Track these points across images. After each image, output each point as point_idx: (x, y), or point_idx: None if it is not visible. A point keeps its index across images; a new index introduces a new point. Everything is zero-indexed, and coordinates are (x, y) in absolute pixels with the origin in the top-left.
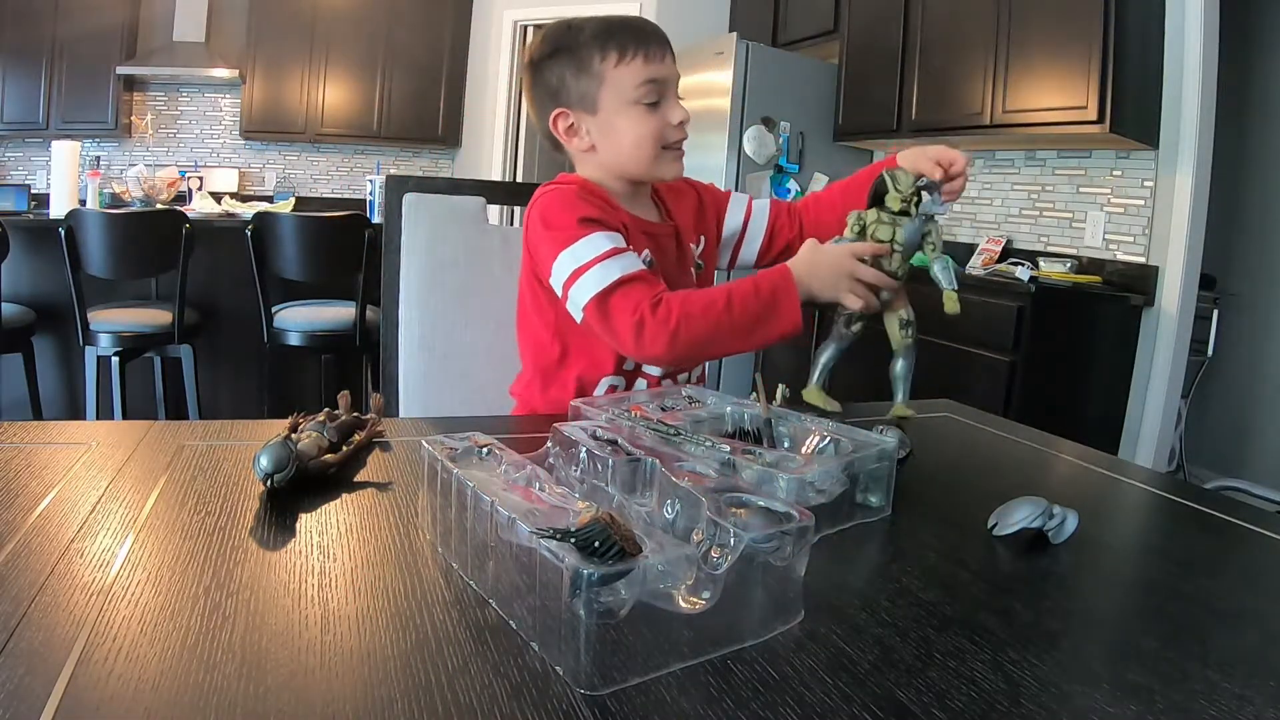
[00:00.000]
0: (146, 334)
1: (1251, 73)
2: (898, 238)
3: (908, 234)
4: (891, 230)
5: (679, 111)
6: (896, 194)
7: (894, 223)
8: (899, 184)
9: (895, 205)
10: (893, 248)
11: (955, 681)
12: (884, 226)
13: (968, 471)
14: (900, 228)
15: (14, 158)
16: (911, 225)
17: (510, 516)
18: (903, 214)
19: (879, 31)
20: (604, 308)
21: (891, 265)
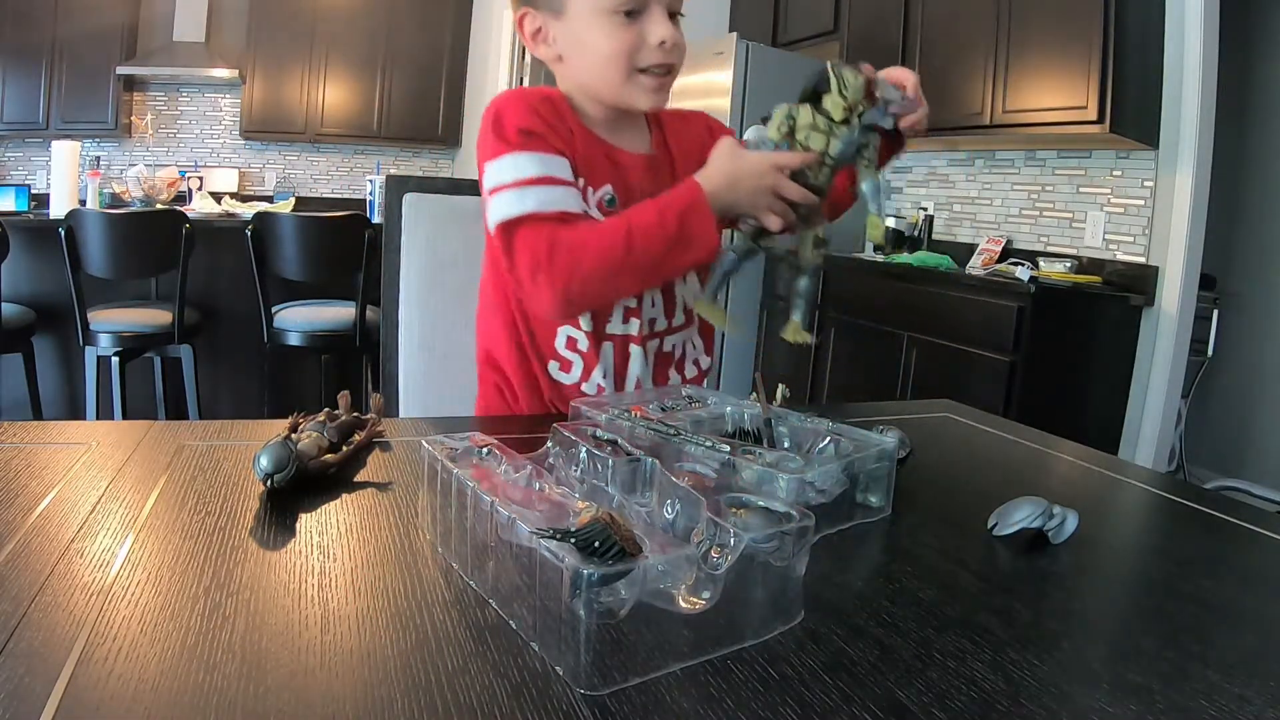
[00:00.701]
0: (146, 334)
1: (1251, 73)
2: (831, 150)
3: (842, 146)
4: (825, 140)
5: (662, 29)
6: (840, 100)
7: (830, 131)
8: (846, 88)
9: (837, 113)
10: (824, 160)
11: (955, 681)
12: (818, 135)
13: (968, 471)
14: (836, 138)
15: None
16: (849, 136)
17: (510, 516)
18: (842, 123)
19: (879, 31)
20: (508, 240)
21: (818, 179)
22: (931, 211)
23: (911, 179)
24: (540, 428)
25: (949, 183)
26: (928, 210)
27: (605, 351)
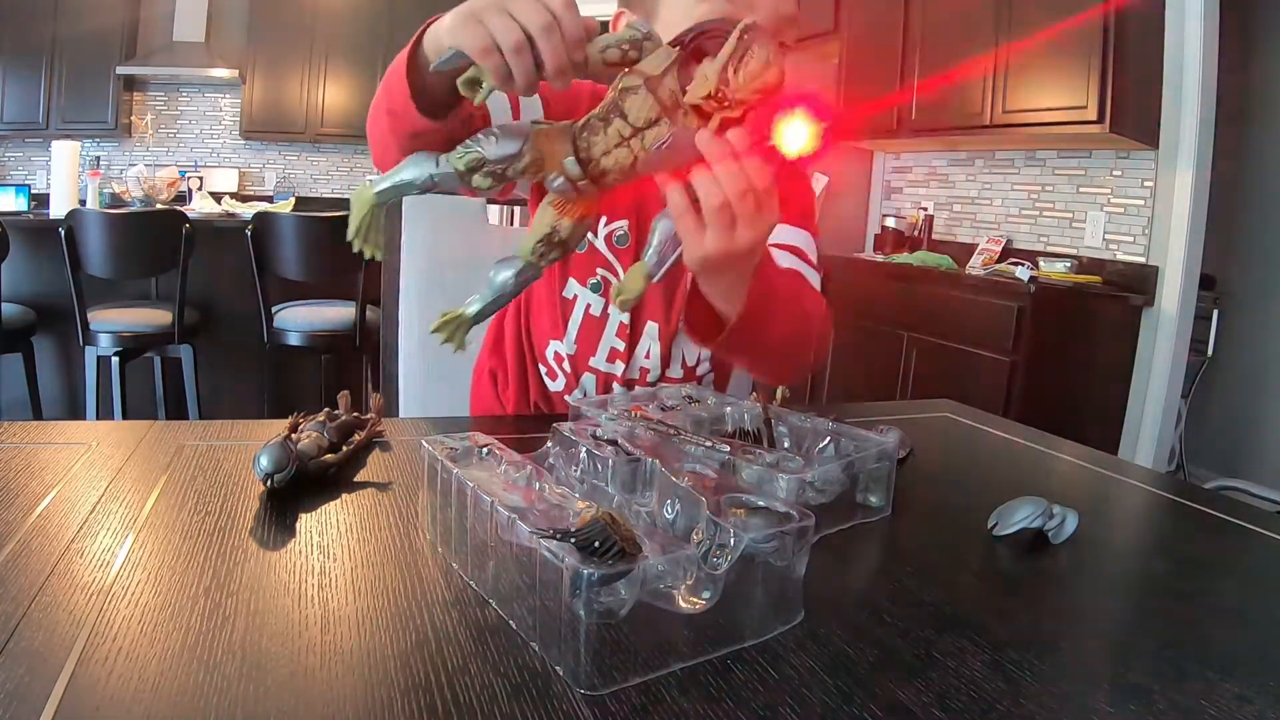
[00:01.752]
0: (146, 334)
1: (1251, 73)
2: (639, 129)
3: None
4: (646, 111)
5: (744, 8)
6: (719, 75)
7: (661, 81)
8: (739, 65)
9: (700, 93)
10: (624, 136)
11: (955, 682)
12: (640, 99)
13: (968, 471)
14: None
15: (14, 158)
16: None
17: (510, 516)
18: (685, 108)
19: (879, 31)
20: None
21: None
22: (931, 211)
23: (911, 179)
24: (540, 428)
25: (949, 183)
26: (928, 210)
27: (586, 381)
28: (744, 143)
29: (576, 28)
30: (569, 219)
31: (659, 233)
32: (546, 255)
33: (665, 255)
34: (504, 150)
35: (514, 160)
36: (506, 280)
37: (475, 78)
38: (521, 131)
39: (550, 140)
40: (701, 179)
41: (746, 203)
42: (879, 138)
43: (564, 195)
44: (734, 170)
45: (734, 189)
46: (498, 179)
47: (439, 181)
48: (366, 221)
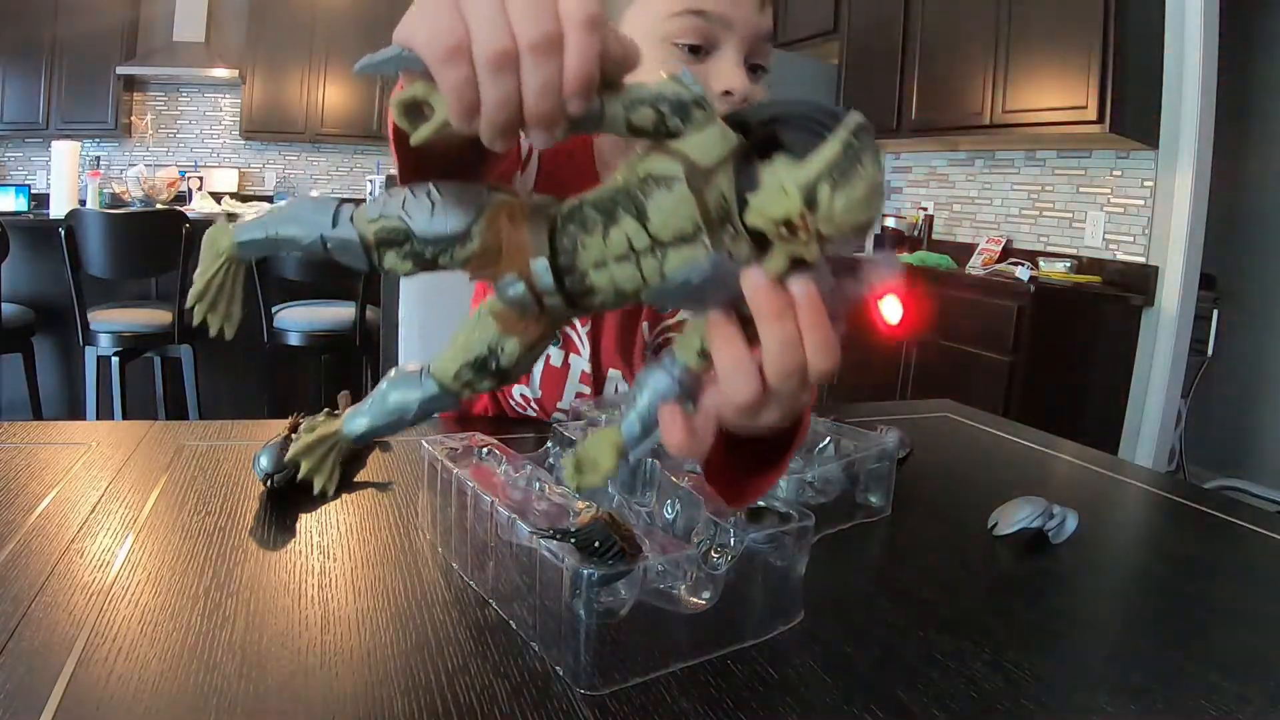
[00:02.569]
0: (146, 334)
1: (1251, 73)
2: (667, 253)
3: (707, 268)
4: (694, 222)
5: (732, 76)
6: (804, 185)
7: (709, 178)
8: (842, 175)
9: (773, 209)
10: (632, 249)
11: (955, 681)
12: (721, 177)
13: (968, 471)
14: (708, 243)
15: (14, 158)
16: (737, 257)
17: (510, 516)
18: (719, 217)
19: (879, 31)
20: None
21: (587, 271)
22: (931, 211)
23: (911, 179)
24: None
25: (949, 183)
26: (928, 210)
27: (554, 419)
28: (817, 301)
29: (590, 57)
30: (518, 342)
31: (648, 393)
32: (474, 385)
33: (651, 428)
34: (441, 227)
35: (454, 244)
36: (408, 406)
37: (419, 99)
38: (473, 200)
39: (515, 223)
40: (727, 348)
41: (792, 383)
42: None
43: (519, 309)
44: (790, 339)
45: (781, 366)
46: (420, 263)
47: (334, 249)
48: (218, 280)
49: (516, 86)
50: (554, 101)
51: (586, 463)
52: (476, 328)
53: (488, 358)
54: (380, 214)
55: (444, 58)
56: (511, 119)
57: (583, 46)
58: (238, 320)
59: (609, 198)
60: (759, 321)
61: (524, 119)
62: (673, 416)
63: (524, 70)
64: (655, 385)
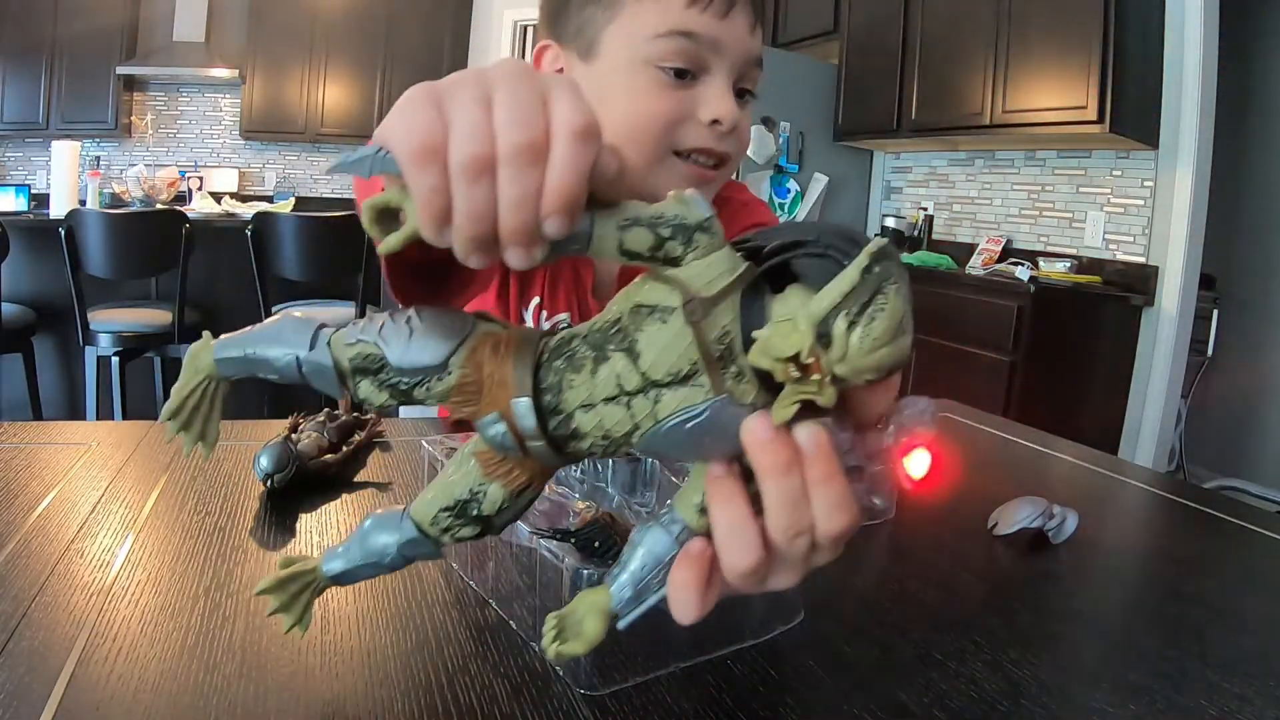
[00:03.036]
0: (146, 334)
1: (1251, 73)
2: (658, 399)
3: (703, 414)
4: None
5: (720, 104)
6: (780, 362)
7: (709, 311)
8: (857, 327)
9: (778, 353)
10: (622, 393)
11: (955, 682)
12: (724, 310)
13: (968, 471)
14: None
15: (14, 158)
16: (746, 401)
17: None
18: (727, 365)
19: (879, 31)
20: None
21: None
22: (931, 211)
23: (911, 179)
24: None
25: (949, 183)
26: (928, 210)
27: None
28: (829, 454)
29: (576, 171)
30: (501, 488)
31: (643, 553)
32: (454, 532)
33: (646, 592)
34: (417, 357)
35: (430, 377)
36: (387, 548)
37: (392, 204)
38: (456, 330)
39: (499, 357)
40: (725, 510)
41: (799, 547)
42: (879, 138)
43: (501, 450)
44: (794, 498)
45: (786, 528)
46: (398, 395)
47: (309, 373)
48: (194, 398)
49: (493, 198)
50: (530, 218)
51: (570, 629)
52: (457, 469)
53: (468, 503)
54: (357, 339)
55: (415, 160)
56: (484, 234)
57: (569, 159)
58: (214, 441)
59: (599, 331)
60: (759, 476)
61: (499, 235)
62: (685, 586)
63: (500, 181)
64: (652, 546)
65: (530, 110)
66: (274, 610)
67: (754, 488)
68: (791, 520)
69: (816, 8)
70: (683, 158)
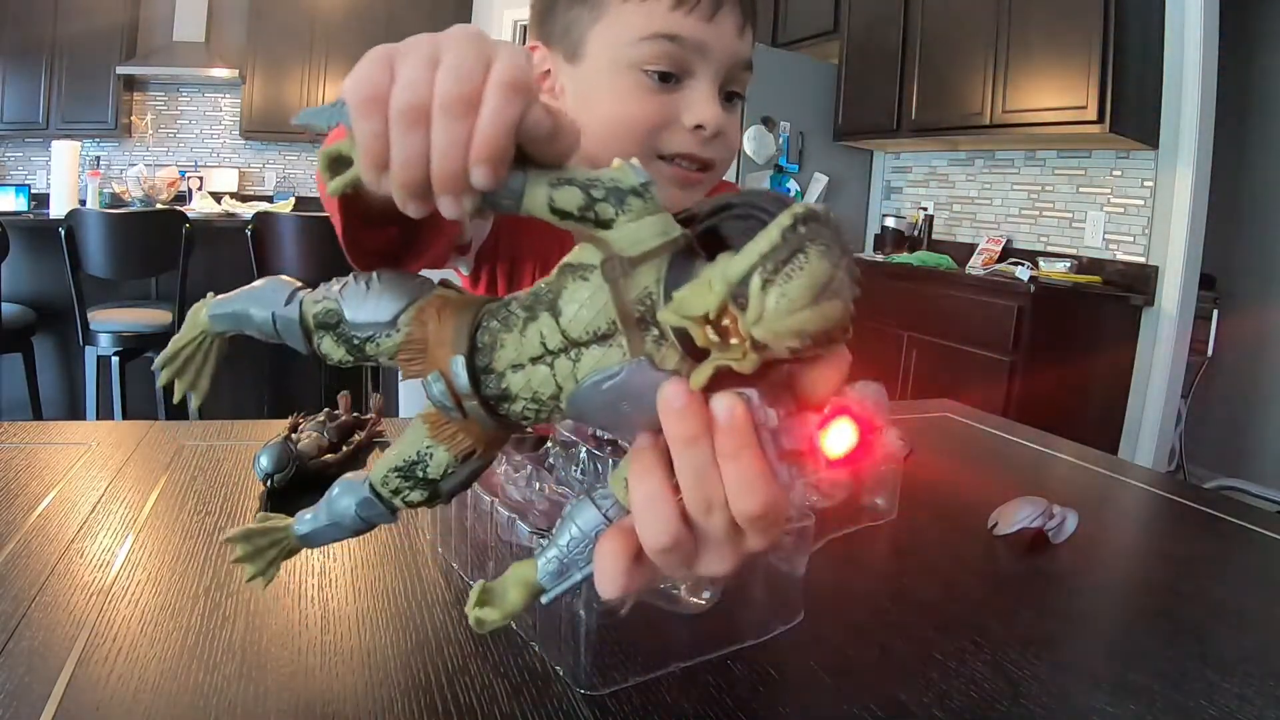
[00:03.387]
0: (146, 334)
1: (1251, 73)
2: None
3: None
4: (654, 279)
5: (705, 108)
6: (733, 288)
7: (634, 271)
8: (779, 282)
9: (689, 313)
10: (562, 349)
11: (956, 682)
12: (648, 271)
13: (968, 471)
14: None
15: (14, 158)
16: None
17: (510, 516)
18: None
19: (879, 31)
20: None
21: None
22: (931, 211)
23: (911, 179)
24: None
25: (949, 183)
26: (928, 210)
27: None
28: (742, 425)
29: (503, 123)
30: (446, 451)
31: (571, 529)
32: (403, 494)
33: (571, 567)
34: (370, 313)
35: (379, 333)
36: (347, 509)
37: (343, 152)
38: (409, 291)
39: (444, 319)
40: (641, 482)
41: (713, 524)
42: (879, 137)
43: (443, 411)
44: (701, 469)
45: (694, 503)
46: (353, 351)
47: (281, 329)
48: (189, 350)
49: (426, 146)
50: (457, 166)
51: (494, 596)
52: (410, 431)
53: (415, 464)
54: (323, 296)
55: (360, 108)
56: (418, 180)
57: (496, 111)
58: (204, 391)
59: (533, 293)
60: (669, 443)
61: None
62: (610, 556)
63: (433, 130)
64: (581, 521)
65: (470, 67)
66: (238, 558)
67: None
68: (700, 493)
69: (816, 8)
70: (665, 160)
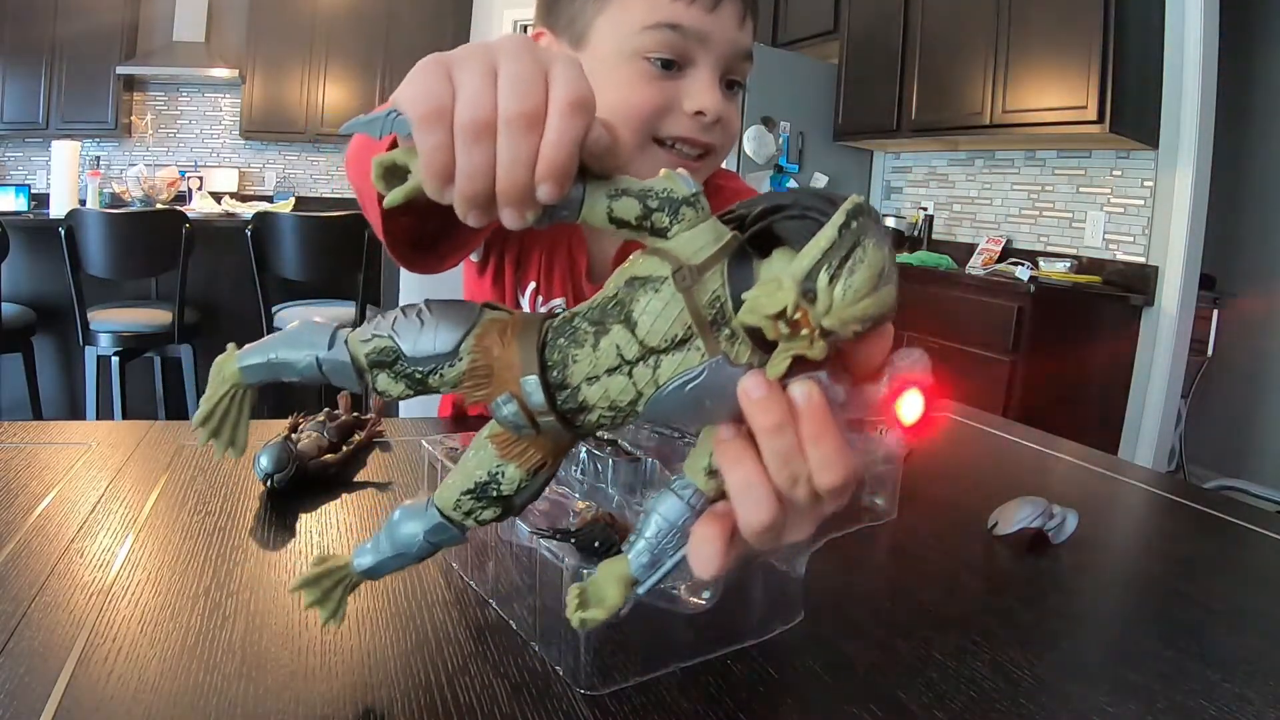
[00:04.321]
0: (146, 334)
1: (1251, 73)
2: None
3: (696, 377)
4: (670, 336)
5: (706, 95)
6: (798, 286)
7: (699, 278)
8: (842, 275)
9: (765, 311)
10: (624, 361)
11: (955, 682)
12: (713, 276)
13: (968, 471)
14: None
15: (14, 158)
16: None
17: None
18: (748, 334)
19: (879, 31)
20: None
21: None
22: (931, 211)
23: (911, 179)
24: None
25: (949, 183)
26: (928, 210)
27: None
28: (820, 408)
29: (568, 140)
30: (517, 468)
31: (657, 519)
32: (476, 514)
33: (662, 556)
34: (429, 346)
35: (442, 364)
36: (413, 537)
37: (399, 163)
38: (464, 319)
39: (505, 341)
40: (735, 468)
41: (799, 496)
42: (878, 137)
43: (514, 430)
44: (789, 453)
45: (784, 483)
46: (414, 385)
47: (328, 371)
48: (224, 405)
49: (491, 160)
50: (523, 180)
51: (592, 597)
52: (475, 454)
53: (487, 484)
54: (372, 335)
55: (424, 121)
56: (482, 192)
57: (562, 129)
58: (243, 446)
59: (598, 308)
60: (757, 434)
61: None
62: (708, 540)
63: (499, 144)
64: (665, 512)
65: (530, 82)
66: (309, 605)
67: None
68: (787, 472)
69: (816, 8)
70: (665, 146)
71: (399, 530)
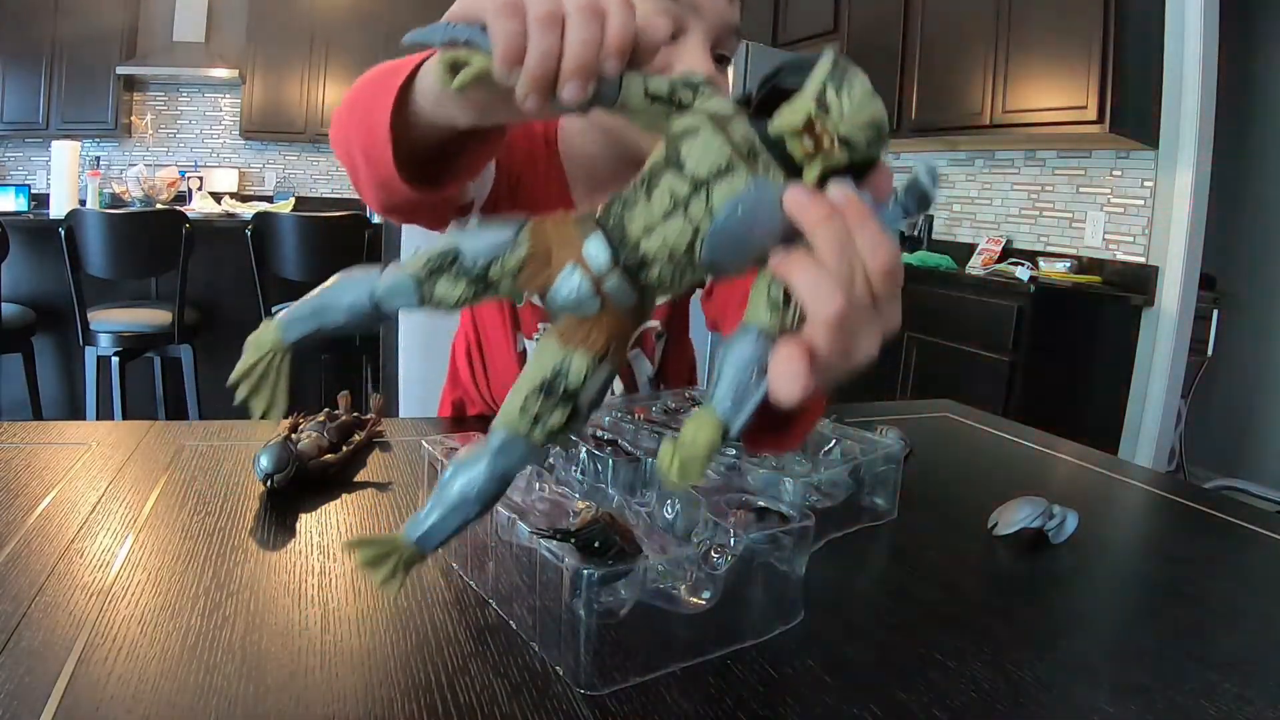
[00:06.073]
0: (146, 334)
1: (1251, 72)
2: (707, 208)
3: (744, 210)
4: (703, 185)
5: (698, 63)
6: (812, 113)
7: (729, 123)
8: (842, 97)
9: (792, 122)
10: (676, 204)
11: (955, 682)
12: (738, 124)
13: (968, 471)
14: (731, 139)
15: (14, 158)
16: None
17: (510, 516)
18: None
19: (879, 31)
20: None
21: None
22: (931, 211)
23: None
24: None
25: (949, 183)
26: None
27: None
28: (856, 201)
29: (629, 24)
30: (584, 353)
31: (733, 361)
32: (544, 418)
33: (745, 396)
34: (488, 240)
35: (503, 251)
36: (473, 479)
37: (460, 60)
38: (514, 219)
39: (559, 226)
40: (801, 271)
41: (859, 289)
42: None
43: (579, 312)
44: (843, 238)
45: (841, 268)
46: (475, 281)
47: (384, 304)
48: (262, 368)
49: (559, 44)
50: (590, 58)
51: (685, 445)
52: (538, 356)
53: (554, 380)
54: (427, 249)
55: (502, 10)
56: (549, 73)
57: (624, 16)
58: (282, 408)
59: (645, 175)
60: (809, 231)
61: (560, 73)
62: (790, 360)
63: (569, 27)
64: (739, 355)
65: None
66: (382, 583)
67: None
68: (844, 261)
69: (816, 8)
70: None
71: (452, 485)
